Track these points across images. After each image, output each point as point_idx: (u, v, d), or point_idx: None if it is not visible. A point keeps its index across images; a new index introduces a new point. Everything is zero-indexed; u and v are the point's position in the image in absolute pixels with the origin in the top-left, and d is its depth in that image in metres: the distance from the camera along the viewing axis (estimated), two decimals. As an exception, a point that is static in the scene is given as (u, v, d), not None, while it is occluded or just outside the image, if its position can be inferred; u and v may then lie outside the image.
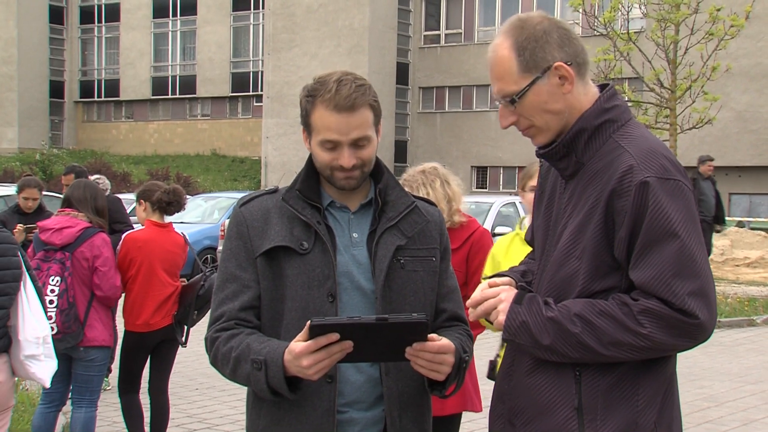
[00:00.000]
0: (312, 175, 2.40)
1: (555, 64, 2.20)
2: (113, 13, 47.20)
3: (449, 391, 2.36)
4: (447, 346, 2.20)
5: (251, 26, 43.63)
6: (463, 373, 2.33)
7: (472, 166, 36.74)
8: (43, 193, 8.09)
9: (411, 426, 2.36)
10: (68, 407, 5.76)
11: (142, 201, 5.77)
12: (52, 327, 4.79)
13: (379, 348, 2.14)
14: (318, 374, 2.13)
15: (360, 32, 35.99)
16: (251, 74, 43.48)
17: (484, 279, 2.42)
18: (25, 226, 7.23)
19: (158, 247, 5.66)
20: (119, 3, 46.82)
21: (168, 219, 5.85)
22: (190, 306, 5.65)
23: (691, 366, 8.98)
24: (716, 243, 18.03)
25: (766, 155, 30.53)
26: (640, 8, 16.91)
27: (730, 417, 7.23)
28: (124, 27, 46.89)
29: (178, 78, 45.85)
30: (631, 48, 15.45)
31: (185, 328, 5.76)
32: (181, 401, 7.41)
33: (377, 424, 2.34)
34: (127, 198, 13.68)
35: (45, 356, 3.94)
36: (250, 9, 43.44)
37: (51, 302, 5.12)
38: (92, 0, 48.07)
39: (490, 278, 2.38)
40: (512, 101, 2.23)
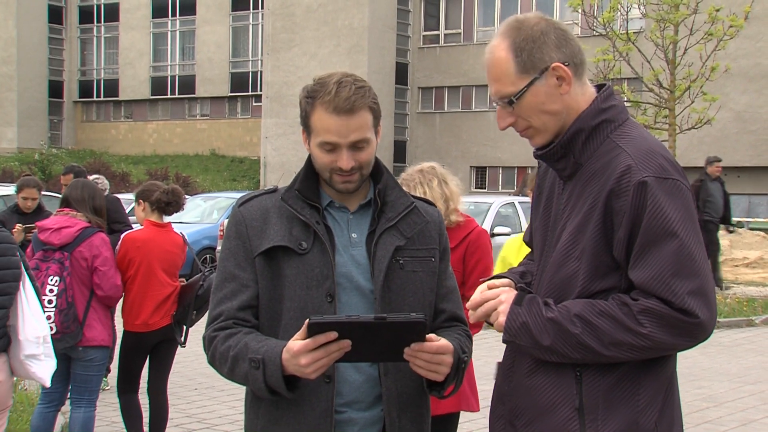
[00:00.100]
0: (311, 175, 2.40)
1: (553, 65, 2.19)
2: (112, 13, 47.19)
3: (448, 392, 2.35)
4: (445, 347, 2.20)
5: (250, 26, 43.62)
6: (462, 374, 2.33)
7: (471, 167, 36.73)
8: (42, 193, 8.09)
9: (410, 426, 2.36)
10: (67, 407, 5.76)
11: (141, 201, 5.77)
12: (51, 327, 4.78)
13: (378, 348, 2.14)
14: (316, 373, 2.13)
15: (359, 32, 35.98)
16: (250, 74, 43.47)
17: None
18: (24, 226, 7.22)
19: (157, 247, 5.66)
20: (118, 3, 46.81)
21: (167, 219, 5.85)
22: (189, 306, 5.65)
23: (690, 366, 8.98)
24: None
25: (765, 156, 30.54)
26: (639, 8, 16.90)
27: (729, 417, 7.23)
28: (124, 27, 46.88)
29: (177, 78, 45.84)
30: (630, 48, 15.44)
31: (184, 328, 5.76)
32: (180, 401, 7.41)
33: (376, 424, 2.34)
34: (126, 198, 13.69)
35: (45, 356, 3.94)
36: (250, 9, 43.43)
37: (50, 302, 5.11)
38: (91, 0, 48.07)
39: (489, 280, 2.38)
40: (510, 102, 2.23)
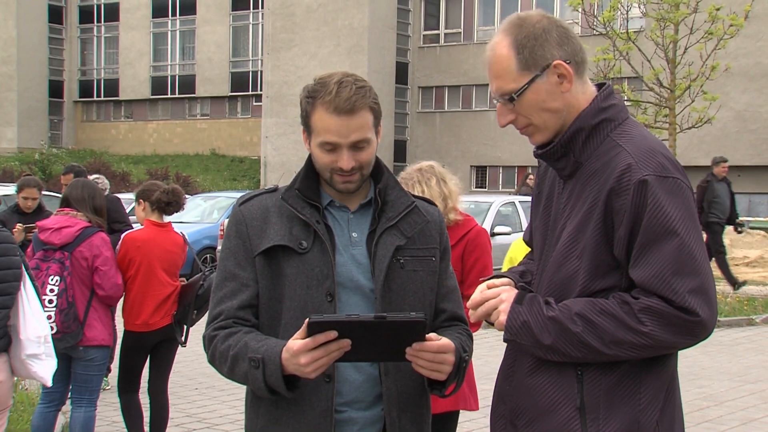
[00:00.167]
0: (311, 175, 2.39)
1: (554, 63, 2.19)
2: (112, 13, 47.20)
3: (449, 391, 2.36)
4: (447, 346, 2.20)
5: (250, 26, 43.62)
6: (463, 373, 2.32)
7: (472, 166, 36.73)
8: (43, 193, 8.10)
9: (410, 426, 2.36)
10: (68, 407, 5.76)
11: (141, 201, 5.76)
12: (52, 326, 4.78)
13: (378, 347, 2.13)
14: (316, 372, 2.12)
15: (359, 32, 35.98)
16: (250, 74, 43.48)
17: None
18: (25, 226, 7.22)
19: (157, 247, 5.66)
20: (118, 3, 46.81)
21: (167, 219, 5.84)
22: (190, 305, 5.65)
23: (691, 365, 8.98)
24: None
25: (765, 155, 30.55)
26: (640, 8, 16.90)
27: (730, 416, 7.23)
28: (124, 27, 46.88)
29: (178, 78, 45.85)
30: (631, 47, 15.43)
31: (184, 328, 5.76)
32: (181, 401, 7.41)
33: (376, 424, 2.34)
34: (127, 198, 13.69)
35: (46, 355, 3.95)
36: (250, 9, 43.43)
37: (50, 302, 5.11)
38: (91, 0, 48.07)
39: (489, 279, 2.37)
40: (511, 99, 2.23)
